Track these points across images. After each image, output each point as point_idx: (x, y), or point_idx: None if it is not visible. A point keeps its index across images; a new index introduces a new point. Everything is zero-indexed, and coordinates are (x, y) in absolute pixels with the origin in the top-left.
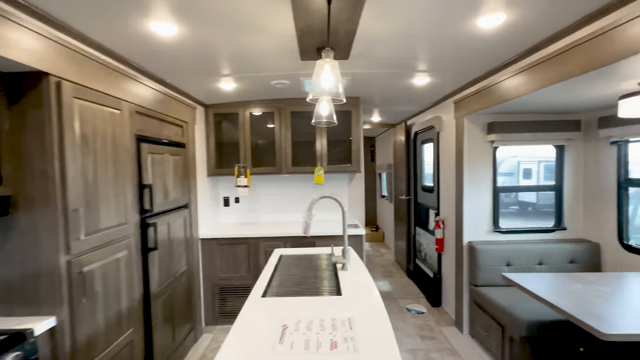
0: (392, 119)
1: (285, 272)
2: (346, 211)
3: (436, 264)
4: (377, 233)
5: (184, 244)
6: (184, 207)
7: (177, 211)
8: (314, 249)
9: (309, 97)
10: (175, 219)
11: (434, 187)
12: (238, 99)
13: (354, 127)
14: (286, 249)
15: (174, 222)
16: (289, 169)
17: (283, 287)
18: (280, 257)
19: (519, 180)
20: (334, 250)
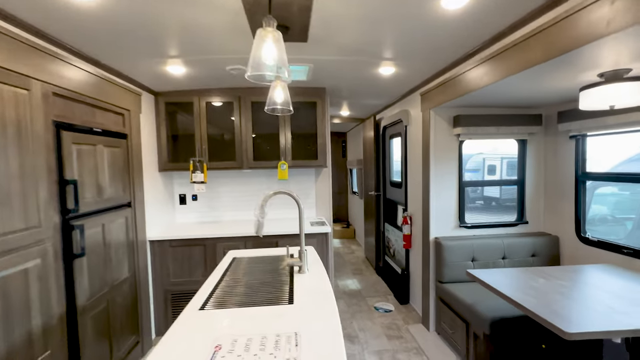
0: (362, 113)
1: (234, 277)
2: (303, 208)
3: (404, 260)
4: (348, 230)
5: (126, 248)
6: (125, 205)
7: (115, 211)
8: (274, 250)
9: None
10: (112, 219)
11: (402, 182)
12: (192, 87)
13: (320, 120)
14: (241, 251)
15: (111, 223)
16: (251, 164)
17: (227, 296)
18: (232, 260)
19: (484, 176)
20: (290, 251)
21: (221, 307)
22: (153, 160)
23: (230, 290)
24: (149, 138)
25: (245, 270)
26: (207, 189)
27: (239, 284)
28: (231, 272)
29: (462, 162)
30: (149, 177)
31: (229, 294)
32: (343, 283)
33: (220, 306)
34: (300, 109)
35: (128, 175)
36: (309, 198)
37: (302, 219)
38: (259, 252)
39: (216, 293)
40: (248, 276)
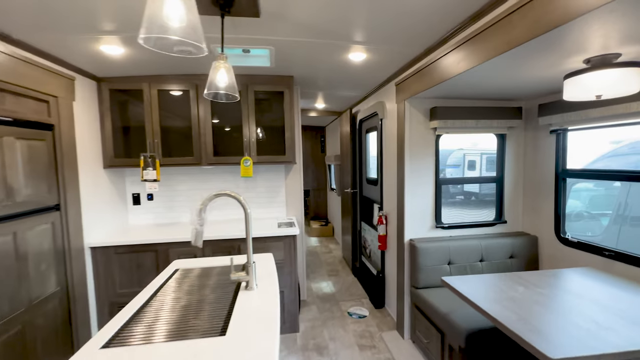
0: (338, 106)
1: (167, 297)
2: (250, 213)
3: (380, 262)
4: (326, 228)
5: (53, 258)
6: (51, 209)
7: (35, 215)
8: (228, 259)
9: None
10: (30, 226)
11: (378, 179)
12: (142, 72)
13: (288, 111)
14: (188, 261)
15: (28, 230)
16: (210, 160)
17: (148, 325)
18: (174, 273)
19: (464, 172)
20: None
21: (133, 342)
22: (96, 156)
23: (156, 315)
24: (89, 130)
25: (185, 287)
26: (163, 188)
27: (169, 306)
28: (167, 288)
29: (439, 158)
30: (90, 175)
31: (152, 322)
32: (317, 286)
33: (131, 341)
34: (265, 99)
35: (56, 173)
36: (279, 196)
37: (249, 225)
38: (209, 262)
39: (135, 320)
40: (185, 295)
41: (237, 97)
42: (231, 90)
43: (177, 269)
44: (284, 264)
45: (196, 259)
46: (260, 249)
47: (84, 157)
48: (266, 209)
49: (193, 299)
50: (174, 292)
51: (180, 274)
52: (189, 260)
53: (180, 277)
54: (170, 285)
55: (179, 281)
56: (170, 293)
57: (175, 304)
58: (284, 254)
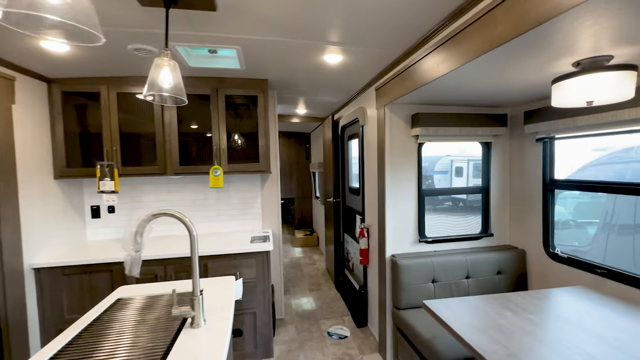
0: (320, 112)
1: (90, 340)
2: (196, 236)
3: (362, 277)
4: (311, 237)
5: None
6: None
7: None
8: (185, 283)
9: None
10: None
11: (360, 189)
12: (99, 73)
13: (262, 117)
14: (138, 287)
15: None
16: (177, 169)
17: None
18: (114, 303)
19: (452, 178)
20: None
21: None
22: (44, 165)
23: None
24: (35, 136)
25: (120, 323)
26: (126, 199)
27: (93, 349)
28: (98, 325)
29: (422, 167)
30: (36, 187)
31: None
32: (297, 302)
33: None
34: (239, 104)
35: None
36: (254, 208)
37: (194, 250)
38: (160, 289)
39: None
40: (116, 335)
41: (184, 101)
42: (177, 92)
43: (120, 298)
44: (257, 282)
45: (147, 285)
46: (231, 267)
47: (27, 166)
48: (240, 222)
49: (124, 340)
50: (105, 330)
51: (121, 305)
52: (137, 286)
53: (119, 309)
54: (103, 320)
55: (115, 315)
56: (101, 331)
57: (101, 346)
58: (256, 272)
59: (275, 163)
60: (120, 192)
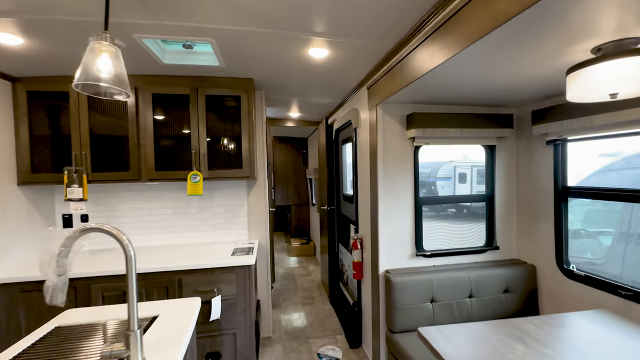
0: (315, 116)
1: None
2: (133, 255)
3: (356, 292)
4: (307, 246)
5: None
6: None
7: None
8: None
9: None
10: None
11: (354, 196)
12: (68, 71)
13: (245, 119)
14: (86, 311)
15: None
16: (151, 175)
17: None
18: (51, 332)
19: (455, 185)
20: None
21: None
22: (5, 170)
23: None
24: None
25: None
26: (101, 207)
27: None
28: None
29: (419, 173)
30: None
31: None
32: (287, 318)
33: None
34: (221, 105)
35: None
36: (239, 216)
37: (131, 272)
38: (112, 312)
39: None
40: None
41: (128, 95)
42: (118, 83)
43: (59, 325)
44: (237, 299)
45: (100, 308)
46: (207, 283)
47: None
48: (225, 232)
49: None
50: None
51: (56, 336)
52: (88, 310)
53: (51, 342)
54: (27, 356)
55: (46, 349)
56: None
57: None
58: (236, 288)
59: (262, 169)
60: (96, 199)
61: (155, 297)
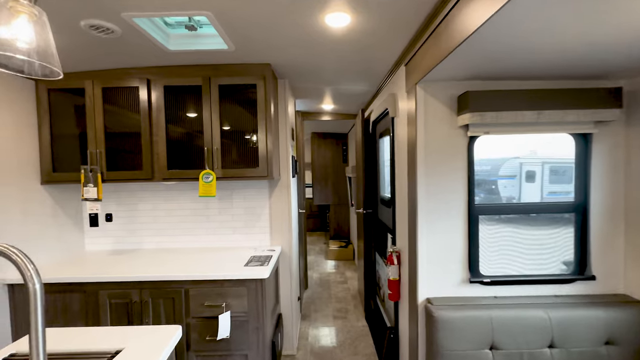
0: (351, 107)
1: None
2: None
3: (393, 314)
4: (346, 250)
5: None
6: None
7: None
8: (117, 332)
9: None
10: None
11: (391, 200)
12: (85, 67)
13: (262, 110)
14: (59, 333)
15: None
16: (164, 174)
17: None
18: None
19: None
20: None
21: None
22: (28, 169)
23: None
24: (18, 138)
25: None
26: (123, 207)
27: None
28: None
29: (474, 173)
30: (15, 194)
31: None
32: (315, 334)
33: None
34: (235, 96)
35: None
36: (260, 220)
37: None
38: (85, 337)
39: None
40: None
41: (58, 74)
42: (44, 58)
43: (14, 353)
44: (248, 317)
45: (74, 331)
46: (216, 296)
47: (11, 171)
48: (245, 236)
49: None
50: None
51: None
52: (60, 332)
53: None
54: None
55: None
56: None
57: None
58: (248, 304)
59: (286, 167)
60: (118, 199)
61: (162, 309)
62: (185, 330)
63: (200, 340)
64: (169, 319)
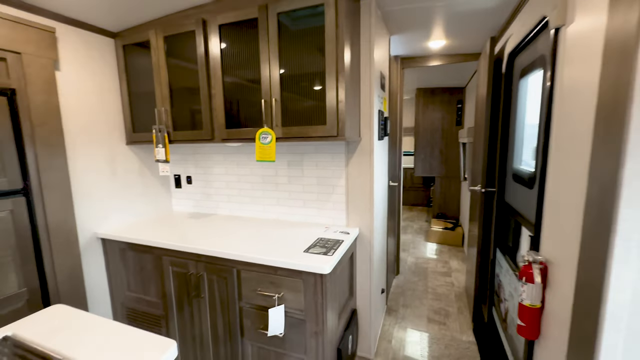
0: (472, 40)
1: None
2: None
3: (523, 352)
4: (452, 233)
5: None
6: (7, 194)
7: None
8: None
9: None
10: None
11: (535, 175)
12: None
13: (331, 45)
14: (72, 312)
15: None
16: (223, 134)
17: None
18: None
19: None
20: None
21: None
22: (115, 130)
23: None
24: (101, 99)
25: None
26: (200, 170)
27: None
28: None
29: None
30: (102, 153)
31: None
32: (401, 337)
33: None
34: (297, 28)
35: (17, 150)
36: (335, 193)
37: None
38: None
39: None
40: None
41: None
42: None
43: (8, 336)
44: (306, 317)
45: (87, 317)
46: (269, 285)
47: (85, 130)
48: (316, 210)
49: None
50: None
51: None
52: (72, 311)
53: None
54: None
55: None
56: None
57: None
58: (305, 301)
59: (369, 126)
60: (195, 161)
61: (215, 286)
62: (238, 315)
63: (253, 329)
64: (222, 298)
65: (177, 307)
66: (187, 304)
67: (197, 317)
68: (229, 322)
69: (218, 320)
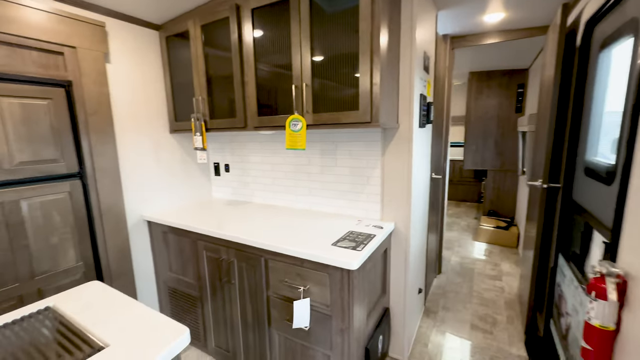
0: (538, 12)
1: None
2: None
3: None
4: (506, 233)
5: (74, 231)
6: (66, 177)
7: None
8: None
9: None
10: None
11: (617, 169)
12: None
13: (366, 24)
14: (101, 290)
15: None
16: (255, 122)
17: None
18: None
19: None
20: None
21: None
22: (156, 119)
23: None
24: (138, 89)
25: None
26: (237, 158)
27: None
28: None
29: None
30: (148, 140)
31: None
32: (440, 341)
33: None
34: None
35: (74, 137)
36: (370, 184)
37: None
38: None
39: None
40: None
41: None
42: None
43: (50, 306)
44: (332, 313)
45: (114, 293)
46: (296, 276)
47: (132, 119)
48: (349, 202)
49: None
50: None
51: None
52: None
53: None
54: None
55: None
56: None
57: None
58: (330, 297)
59: (407, 112)
60: (231, 149)
61: (245, 273)
62: (266, 304)
63: (280, 319)
64: (251, 286)
65: (210, 290)
66: (220, 289)
67: (228, 302)
68: (257, 310)
69: (247, 307)
